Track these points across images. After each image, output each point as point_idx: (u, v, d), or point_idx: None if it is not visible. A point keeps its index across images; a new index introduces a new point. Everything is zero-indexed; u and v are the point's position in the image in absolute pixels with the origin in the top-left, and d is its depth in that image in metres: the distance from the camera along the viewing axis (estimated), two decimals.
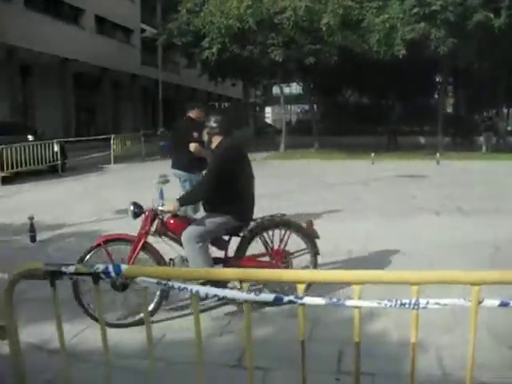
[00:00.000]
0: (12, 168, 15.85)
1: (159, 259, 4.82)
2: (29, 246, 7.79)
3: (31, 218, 8.03)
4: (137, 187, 14.19)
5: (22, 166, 16.26)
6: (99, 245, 4.81)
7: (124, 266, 2.04)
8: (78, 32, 35.05)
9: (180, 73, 47.73)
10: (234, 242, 5.21)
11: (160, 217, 4.92)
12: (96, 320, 4.51)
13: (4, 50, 27.98)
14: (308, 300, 2.00)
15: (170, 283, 2.00)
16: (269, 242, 5.21)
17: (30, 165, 16.64)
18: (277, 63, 22.34)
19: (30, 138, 17.51)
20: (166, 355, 3.97)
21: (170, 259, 4.86)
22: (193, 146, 7.47)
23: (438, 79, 37.38)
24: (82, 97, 37.63)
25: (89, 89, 39.06)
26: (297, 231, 5.32)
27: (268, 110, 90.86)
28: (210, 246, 5.06)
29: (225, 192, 4.89)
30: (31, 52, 29.41)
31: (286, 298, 2.00)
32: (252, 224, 5.17)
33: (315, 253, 5.35)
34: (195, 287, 2.00)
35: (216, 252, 5.26)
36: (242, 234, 5.15)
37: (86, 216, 10.02)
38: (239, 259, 5.06)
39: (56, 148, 17.82)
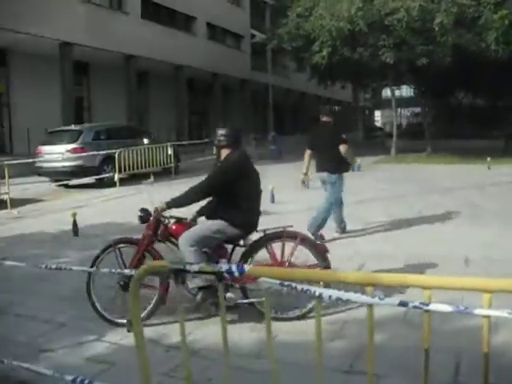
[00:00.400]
0: (129, 170, 16.60)
1: None
2: None
3: None
4: None
5: (137, 168, 16.98)
6: (110, 246, 5.04)
7: (247, 267, 2.06)
8: (190, 39, 36.25)
9: (289, 77, 48.04)
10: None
11: (164, 222, 4.97)
12: (102, 317, 4.89)
13: (122, 58, 29.41)
14: (434, 307, 1.93)
15: (293, 284, 1.99)
16: (273, 254, 5.02)
17: (145, 167, 17.33)
18: (388, 65, 21.89)
19: (146, 141, 18.23)
20: (279, 356, 3.96)
21: None
22: (345, 148, 7.69)
23: None
24: (194, 101, 38.82)
25: (200, 93, 40.22)
26: (304, 244, 5.04)
27: (377, 113, 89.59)
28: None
29: (224, 200, 4.93)
30: (147, 60, 30.71)
31: (410, 304, 1.93)
32: (257, 235, 5.07)
33: (325, 267, 4.99)
34: (318, 289, 1.98)
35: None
36: (242, 244, 5.07)
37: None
38: None
39: (170, 151, 18.45)
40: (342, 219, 8.29)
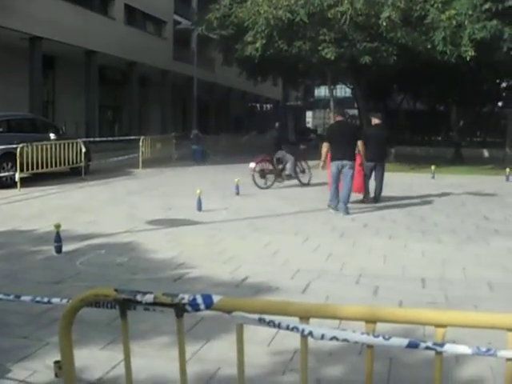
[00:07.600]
0: (32, 169, 15.85)
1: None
2: (54, 258, 7.65)
3: (58, 227, 7.88)
4: (169, 195, 14.11)
5: (42, 167, 16.22)
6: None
7: (216, 298, 1.81)
8: (105, 22, 35.40)
9: (215, 70, 47.85)
10: None
11: None
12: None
13: (26, 39, 28.34)
14: (449, 348, 1.75)
15: (276, 321, 1.76)
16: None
17: (50, 166, 16.62)
18: (328, 61, 22.02)
19: (52, 136, 17.50)
20: None
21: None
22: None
23: (504, 85, 36.87)
24: (107, 93, 37.97)
25: (115, 84, 39.43)
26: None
27: (309, 114, 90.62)
28: None
29: None
30: (55, 43, 29.74)
31: (422, 344, 1.75)
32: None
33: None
34: (308, 327, 1.76)
35: None
36: None
37: (115, 226, 9.89)
38: None
39: (84, 148, 17.80)
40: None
